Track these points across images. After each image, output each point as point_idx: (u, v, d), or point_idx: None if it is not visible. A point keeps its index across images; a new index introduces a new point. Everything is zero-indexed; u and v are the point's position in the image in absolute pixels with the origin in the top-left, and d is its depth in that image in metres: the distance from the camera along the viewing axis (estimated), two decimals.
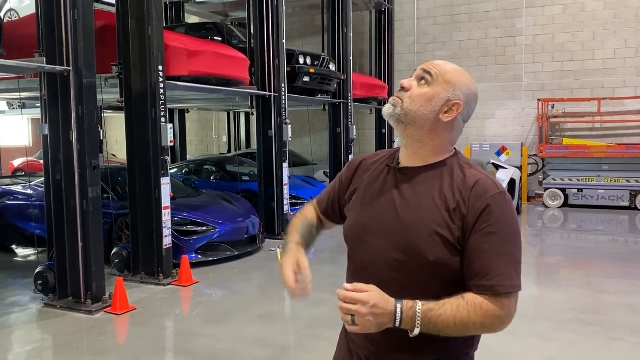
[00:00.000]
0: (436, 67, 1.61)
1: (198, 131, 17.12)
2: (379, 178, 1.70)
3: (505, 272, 1.47)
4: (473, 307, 1.45)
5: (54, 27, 5.26)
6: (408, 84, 1.62)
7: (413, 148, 1.64)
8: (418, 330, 1.44)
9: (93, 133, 5.43)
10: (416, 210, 1.57)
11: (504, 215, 1.50)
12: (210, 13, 13.71)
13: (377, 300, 1.42)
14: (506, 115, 13.43)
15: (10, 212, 8.03)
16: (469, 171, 1.59)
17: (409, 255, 1.53)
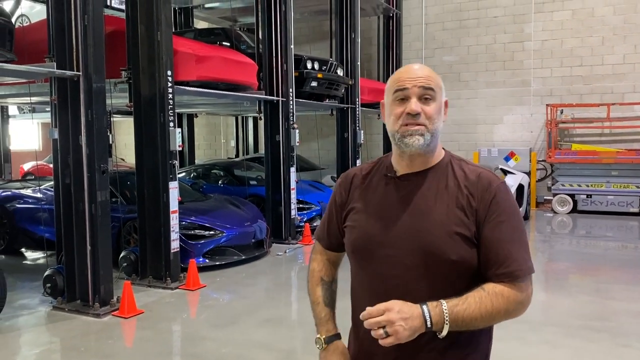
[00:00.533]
0: (428, 78, 1.60)
1: (206, 136, 17.19)
2: (379, 189, 1.70)
3: (519, 257, 1.54)
4: (495, 296, 1.50)
5: (64, 33, 5.32)
6: (419, 108, 1.58)
7: (421, 157, 1.64)
8: (447, 328, 1.45)
9: (102, 137, 5.47)
10: (429, 213, 1.58)
11: (509, 203, 1.59)
12: (219, 19, 13.78)
13: (401, 306, 1.43)
14: (515, 120, 13.40)
15: (20, 215, 8.10)
16: (467, 167, 1.65)
17: (430, 259, 1.54)
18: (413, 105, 1.57)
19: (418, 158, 1.64)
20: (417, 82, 1.59)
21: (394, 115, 1.61)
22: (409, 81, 1.59)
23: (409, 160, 1.64)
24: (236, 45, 9.15)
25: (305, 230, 8.93)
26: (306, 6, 12.48)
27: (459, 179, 1.61)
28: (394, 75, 1.66)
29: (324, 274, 1.87)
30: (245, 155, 14.28)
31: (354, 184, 1.77)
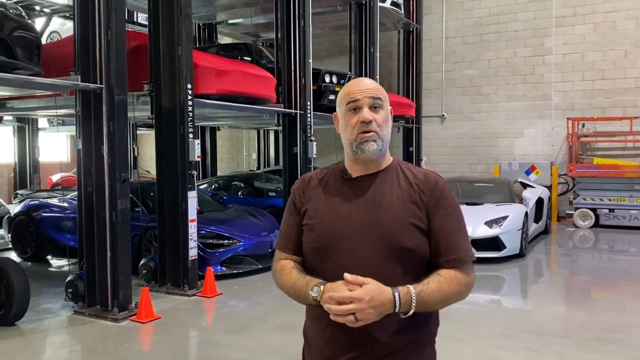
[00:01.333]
0: (375, 89, 1.79)
1: (229, 149, 17.48)
2: (336, 189, 1.84)
3: (465, 245, 1.77)
4: (450, 280, 1.69)
5: (89, 47, 5.57)
6: (370, 116, 1.76)
7: (374, 162, 1.81)
8: (413, 311, 1.62)
9: (123, 147, 5.69)
10: (386, 207, 1.75)
11: (453, 199, 1.81)
12: (241, 34, 14.08)
13: (373, 293, 1.56)
14: (535, 134, 13.33)
15: (45, 224, 8.38)
16: (414, 169, 1.87)
17: (389, 247, 1.71)
18: (366, 113, 1.76)
19: (371, 163, 1.82)
20: (367, 93, 1.78)
21: (349, 126, 1.78)
22: (359, 93, 1.78)
23: (363, 164, 1.82)
24: (257, 60, 9.37)
25: None
26: (327, 22, 12.68)
27: (409, 178, 1.81)
28: (344, 88, 1.83)
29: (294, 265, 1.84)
30: (266, 168, 14.48)
31: (309, 186, 1.90)
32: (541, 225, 10.39)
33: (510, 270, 8.11)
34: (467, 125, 14.01)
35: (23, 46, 5.09)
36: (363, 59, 11.13)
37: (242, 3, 11.22)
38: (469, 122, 13.98)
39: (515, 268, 8.21)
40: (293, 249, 1.87)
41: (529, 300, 6.94)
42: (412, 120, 13.71)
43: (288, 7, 8.73)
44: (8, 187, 16.13)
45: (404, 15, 13.17)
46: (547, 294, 6.95)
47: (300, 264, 1.86)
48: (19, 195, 11.23)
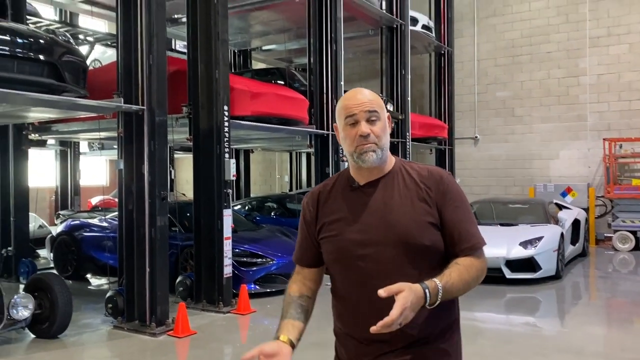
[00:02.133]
0: (372, 102, 1.87)
1: (262, 171, 17.73)
2: (346, 199, 1.92)
3: (476, 232, 1.87)
4: (468, 267, 1.80)
5: (131, 71, 5.84)
6: (368, 129, 1.83)
7: (377, 168, 1.89)
8: (438, 302, 1.70)
9: (163, 166, 5.90)
10: (398, 209, 1.84)
11: (458, 190, 1.91)
12: (275, 60, 14.41)
13: (411, 297, 1.62)
14: (571, 155, 13.15)
15: (86, 243, 8.65)
16: (416, 165, 1.95)
17: (407, 247, 1.80)
18: (363, 127, 1.84)
19: (375, 169, 1.90)
20: (363, 107, 1.85)
21: (349, 138, 1.87)
22: (356, 107, 1.85)
23: (368, 171, 1.90)
24: (289, 83, 9.59)
25: None
26: (359, 46, 12.89)
27: (415, 177, 1.89)
28: (341, 102, 1.91)
29: (293, 291, 2.02)
30: (298, 189, 14.63)
31: (320, 201, 1.98)
32: (578, 248, 10.19)
33: (547, 291, 7.97)
34: (501, 147, 13.92)
35: (71, 70, 5.37)
36: (394, 81, 11.26)
37: (276, 30, 11.54)
38: (503, 143, 13.89)
39: (551, 290, 8.07)
40: (306, 261, 2.04)
41: (567, 321, 6.81)
42: (444, 142, 13.72)
43: (320, 32, 8.96)
44: (49, 210, 16.64)
45: (435, 38, 13.30)
46: (585, 316, 6.81)
47: (310, 277, 2.04)
48: (61, 216, 11.62)
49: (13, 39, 4.93)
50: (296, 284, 2.04)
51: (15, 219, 8.45)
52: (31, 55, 4.99)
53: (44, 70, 5.12)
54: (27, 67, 4.97)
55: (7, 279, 8.33)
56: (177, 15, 10.11)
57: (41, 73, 5.11)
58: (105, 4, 9.37)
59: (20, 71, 4.90)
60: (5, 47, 4.84)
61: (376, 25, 11.36)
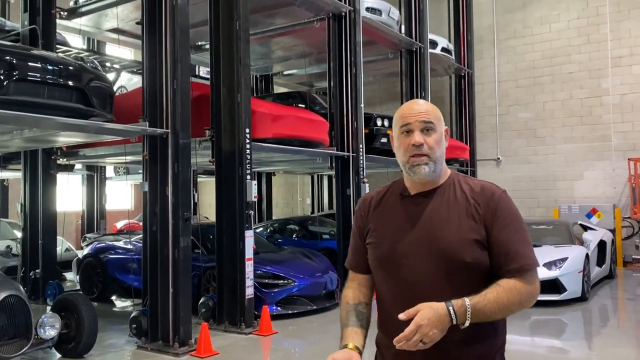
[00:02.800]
0: (428, 112, 1.88)
1: (284, 194, 17.83)
2: (396, 207, 1.94)
3: (526, 254, 1.78)
4: (509, 290, 1.72)
5: (156, 96, 6.02)
6: (421, 139, 1.84)
7: (430, 179, 1.89)
8: (469, 322, 1.67)
9: (186, 188, 6.02)
10: (444, 223, 1.83)
11: (511, 209, 1.84)
12: (297, 84, 14.63)
13: (429, 315, 1.63)
14: (596, 176, 12.98)
15: (111, 265, 8.79)
16: (472, 181, 1.91)
17: (448, 261, 1.78)
18: (416, 137, 1.84)
19: (429, 181, 1.89)
20: (419, 117, 1.86)
21: (402, 148, 1.88)
22: (411, 117, 1.86)
23: (420, 183, 1.90)
24: (310, 106, 9.72)
25: None
26: (378, 69, 13.02)
27: (466, 192, 1.86)
28: (398, 111, 1.94)
29: (350, 299, 2.01)
30: (320, 212, 14.67)
31: (371, 206, 2.01)
32: (605, 270, 10.00)
33: (572, 314, 7.83)
34: (524, 168, 13.82)
35: (98, 95, 5.56)
36: None
37: (296, 55, 11.74)
38: (526, 165, 13.79)
39: (577, 312, 7.92)
40: (359, 267, 2.04)
41: (594, 344, 6.68)
42: (466, 164, 13.67)
43: (340, 56, 9.11)
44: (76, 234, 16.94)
45: (455, 60, 13.38)
46: (614, 338, 6.67)
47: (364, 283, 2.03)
48: (87, 238, 11.82)
49: (44, 66, 5.14)
50: (352, 291, 2.03)
51: (44, 242, 8.63)
52: (60, 81, 5.19)
53: (72, 95, 5.31)
54: (56, 93, 5.17)
55: (35, 300, 8.47)
56: (201, 42, 10.37)
57: (70, 98, 5.30)
58: (132, 33, 9.66)
59: (50, 97, 5.10)
60: (36, 74, 5.05)
61: (395, 48, 11.49)
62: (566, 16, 13.34)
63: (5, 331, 5.04)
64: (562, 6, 13.37)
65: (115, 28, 9.26)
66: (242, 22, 6.96)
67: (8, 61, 4.84)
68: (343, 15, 9.11)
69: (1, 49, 5.07)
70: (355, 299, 2.00)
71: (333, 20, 9.15)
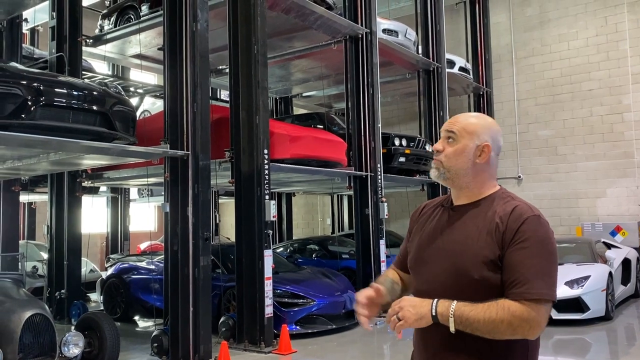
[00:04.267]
0: (456, 124, 1.96)
1: (304, 215, 17.91)
2: (434, 217, 2.04)
3: (533, 281, 1.70)
4: (502, 307, 1.69)
5: (177, 119, 6.20)
6: (441, 147, 1.96)
7: (463, 191, 1.96)
8: (452, 321, 1.71)
9: (206, 209, 6.15)
10: (461, 238, 1.88)
11: (537, 233, 1.76)
12: (315, 105, 14.80)
13: (412, 299, 1.79)
14: (619, 193, 12.81)
15: (134, 285, 8.93)
16: (510, 202, 1.87)
17: (457, 276, 1.83)
18: (437, 144, 2.00)
19: (460, 192, 1.97)
20: (446, 126, 1.99)
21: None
22: (445, 125, 2.01)
23: (457, 193, 1.99)
24: (328, 127, 9.84)
25: None
26: (397, 89, 13.14)
27: (497, 211, 1.85)
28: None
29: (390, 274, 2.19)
30: (340, 232, 14.70)
31: (419, 214, 2.14)
32: (630, 288, 9.81)
33: (597, 333, 7.69)
34: (545, 186, 13.70)
35: (121, 119, 5.75)
36: (432, 123, 11.38)
37: (315, 77, 11.93)
38: (547, 183, 13.68)
39: (601, 331, 7.78)
40: (399, 264, 2.19)
41: None
42: None
43: (357, 77, 9.25)
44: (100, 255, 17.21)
45: (473, 79, 13.43)
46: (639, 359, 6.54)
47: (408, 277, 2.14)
48: (111, 259, 12.03)
49: (69, 92, 5.35)
50: (392, 272, 2.19)
51: (69, 263, 8.83)
52: (85, 106, 5.39)
53: (96, 119, 5.51)
54: (81, 117, 5.37)
55: (60, 320, 8.63)
56: (221, 66, 10.62)
57: (94, 122, 5.50)
58: (154, 58, 9.95)
59: (75, 121, 5.30)
60: (62, 99, 5.25)
61: (413, 69, 11.60)
62: (584, 34, 13.32)
63: (31, 349, 5.17)
64: (581, 24, 13.36)
65: (139, 54, 9.55)
66: (260, 46, 7.15)
67: (35, 87, 5.05)
68: (360, 38, 9.26)
69: (29, 76, 5.30)
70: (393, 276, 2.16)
71: (350, 42, 9.31)
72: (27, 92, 4.97)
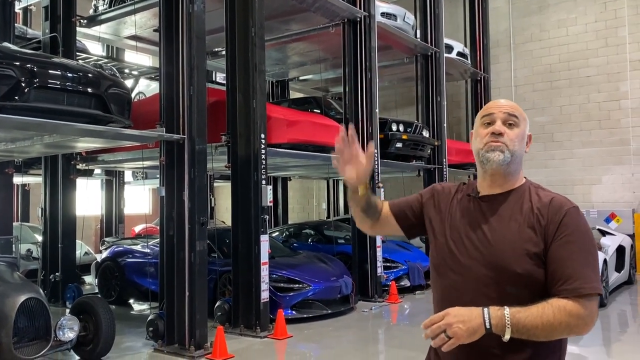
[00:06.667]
0: (513, 107, 1.85)
1: (300, 199, 17.89)
2: (461, 206, 1.91)
3: (585, 275, 1.64)
4: (557, 308, 1.60)
5: (173, 102, 6.11)
6: (502, 129, 1.80)
7: (501, 181, 1.84)
8: (509, 331, 1.57)
9: (202, 193, 6.09)
10: (502, 231, 1.77)
11: (579, 226, 1.71)
12: (312, 89, 14.70)
13: (461, 311, 1.58)
14: (614, 180, 12.83)
15: (129, 269, 8.90)
16: (543, 192, 1.81)
17: (498, 270, 1.71)
18: (497, 126, 1.80)
19: (498, 179, 1.83)
20: (503, 109, 1.83)
21: (479, 137, 1.84)
22: (496, 108, 1.84)
23: (490, 180, 1.85)
24: (325, 112, 9.76)
25: (391, 289, 9.01)
26: (394, 74, 13.04)
27: (533, 202, 1.77)
28: (484, 108, 1.91)
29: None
30: (335, 217, 14.68)
31: (441, 196, 1.99)
32: (623, 275, 9.87)
33: None
34: (541, 173, 13.68)
35: (116, 102, 5.66)
36: (430, 108, 11.32)
37: (312, 60, 11.80)
38: (543, 169, 13.67)
39: None
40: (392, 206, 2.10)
41: (612, 351, 6.60)
42: None
43: (355, 61, 9.15)
44: (95, 238, 17.17)
45: (471, 65, 13.34)
46: (633, 345, 6.58)
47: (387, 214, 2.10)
48: (105, 242, 11.99)
49: (63, 74, 5.25)
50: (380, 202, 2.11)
51: (63, 246, 8.78)
52: (79, 88, 5.30)
53: (91, 102, 5.42)
54: (75, 100, 5.28)
55: (55, 303, 8.61)
56: (217, 48, 10.48)
57: (89, 105, 5.41)
58: (150, 40, 9.80)
59: (69, 103, 5.21)
60: (56, 81, 5.16)
61: (411, 53, 11.50)
62: (583, 19, 13.24)
63: (25, 333, 5.15)
64: (580, 9, 13.27)
65: (134, 35, 9.40)
66: (258, 28, 7.04)
67: (29, 69, 4.96)
68: (358, 21, 9.15)
69: (22, 57, 5.20)
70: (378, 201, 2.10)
71: (348, 25, 9.20)
72: (20, 73, 4.87)
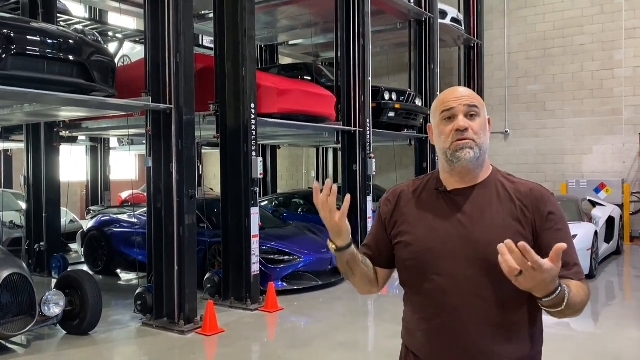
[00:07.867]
0: (471, 97, 1.73)
1: (289, 167, 17.72)
2: (430, 204, 1.76)
3: (578, 261, 1.68)
4: (581, 288, 1.60)
5: (159, 70, 5.85)
6: (466, 124, 1.68)
7: (471, 175, 1.72)
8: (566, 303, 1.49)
9: (191, 165, 5.90)
10: (484, 226, 1.67)
11: (562, 213, 1.72)
12: (302, 54, 14.35)
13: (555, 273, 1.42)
14: (605, 150, 12.80)
15: (116, 239, 8.76)
16: (516, 180, 1.77)
17: (489, 267, 1.59)
18: (461, 121, 1.68)
19: (468, 174, 1.72)
20: (462, 101, 1.71)
21: (443, 135, 1.71)
22: (454, 101, 1.71)
23: (459, 176, 1.73)
24: (316, 79, 9.52)
25: None
26: (386, 39, 12.74)
27: (510, 192, 1.70)
28: (438, 98, 1.78)
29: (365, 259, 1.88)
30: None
31: (402, 200, 1.83)
32: (612, 246, 9.92)
33: None
34: (531, 142, 13.63)
35: (99, 70, 5.40)
36: (423, 75, 11.11)
37: (302, 24, 11.46)
38: (534, 138, 13.60)
39: None
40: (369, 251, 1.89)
41: (601, 323, 6.62)
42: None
43: (348, 26, 8.87)
44: (80, 204, 16.95)
45: (464, 31, 13.07)
46: (620, 318, 6.62)
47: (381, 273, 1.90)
48: (91, 212, 11.79)
49: (43, 40, 4.97)
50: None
51: (47, 215, 8.58)
52: (61, 55, 5.03)
53: (73, 70, 5.16)
54: (57, 68, 5.02)
55: (40, 273, 8.48)
56: (204, 11, 10.12)
57: (71, 73, 5.15)
58: (134, 2, 9.43)
59: (50, 72, 4.95)
60: (35, 48, 4.89)
61: (404, 18, 11.21)
62: None
63: (9, 309, 5.02)
64: None
65: None
66: None
67: (5, 34, 4.67)
68: None
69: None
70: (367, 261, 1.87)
71: None
72: None
